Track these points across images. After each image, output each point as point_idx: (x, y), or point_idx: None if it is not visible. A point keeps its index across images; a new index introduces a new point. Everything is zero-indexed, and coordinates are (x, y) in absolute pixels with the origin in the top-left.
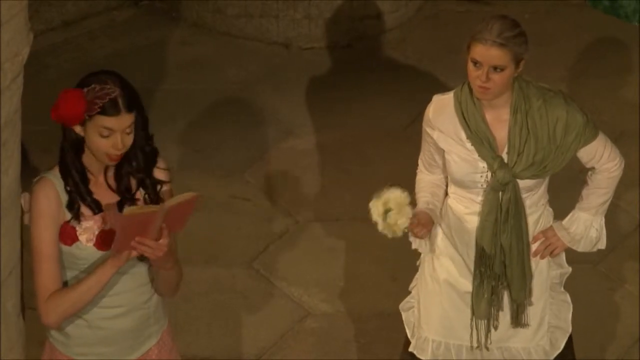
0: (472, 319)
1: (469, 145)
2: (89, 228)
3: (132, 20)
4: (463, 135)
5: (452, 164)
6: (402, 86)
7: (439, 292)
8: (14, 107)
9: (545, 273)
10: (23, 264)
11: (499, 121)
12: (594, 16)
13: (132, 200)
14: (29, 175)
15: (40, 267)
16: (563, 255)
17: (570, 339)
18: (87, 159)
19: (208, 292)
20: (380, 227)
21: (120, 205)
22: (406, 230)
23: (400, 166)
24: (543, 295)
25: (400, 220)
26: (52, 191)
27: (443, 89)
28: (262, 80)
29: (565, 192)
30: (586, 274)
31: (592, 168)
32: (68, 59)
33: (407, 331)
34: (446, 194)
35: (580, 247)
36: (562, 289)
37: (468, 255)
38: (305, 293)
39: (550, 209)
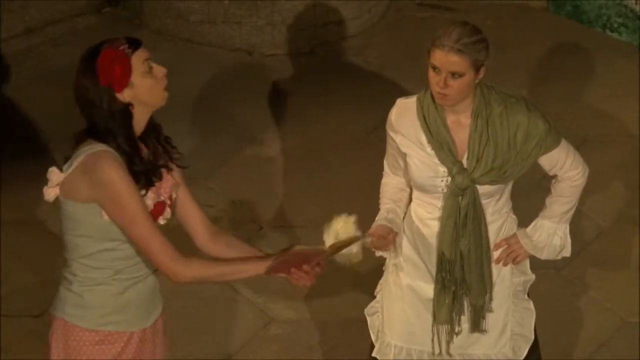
0: (433, 325)
1: (429, 149)
2: (148, 198)
3: (95, 28)
4: (424, 139)
5: (413, 168)
6: (364, 92)
7: (402, 297)
8: None
9: (508, 280)
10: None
11: (459, 126)
12: (556, 22)
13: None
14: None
15: (150, 231)
16: (527, 263)
17: (536, 345)
18: None
19: (171, 299)
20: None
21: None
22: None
23: (363, 172)
24: (505, 302)
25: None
26: (119, 160)
27: (405, 94)
28: (225, 87)
29: (529, 198)
30: (550, 280)
31: (555, 176)
32: (30, 66)
33: (372, 335)
34: (410, 199)
35: (544, 255)
36: (526, 296)
37: (430, 261)
38: (269, 300)
39: (514, 217)
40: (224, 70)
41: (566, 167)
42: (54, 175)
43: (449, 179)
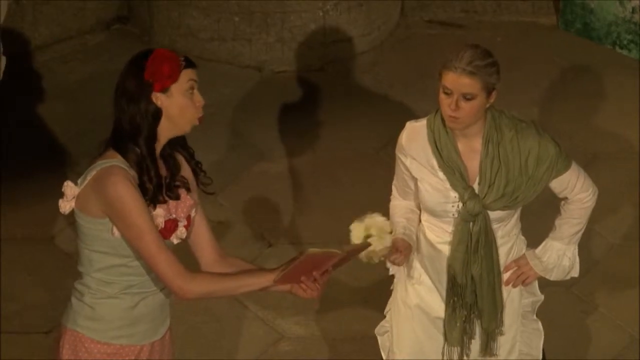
0: (444, 346)
1: (440, 174)
2: (158, 215)
3: (104, 44)
4: (435, 164)
5: (424, 193)
6: (374, 109)
7: (411, 317)
8: None
9: (517, 301)
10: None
11: (471, 151)
12: (566, 39)
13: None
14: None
15: (157, 247)
16: (536, 283)
17: None
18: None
19: (181, 315)
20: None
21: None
22: (383, 259)
23: (372, 189)
24: (514, 324)
25: (379, 248)
26: (129, 177)
27: (415, 111)
28: (235, 104)
29: (539, 218)
30: (560, 297)
31: (565, 198)
32: (40, 83)
33: (383, 354)
34: (420, 221)
35: (553, 276)
36: (535, 316)
37: (440, 283)
38: (278, 316)
39: (523, 238)
40: (234, 87)
41: (576, 190)
42: (69, 188)
43: (460, 204)
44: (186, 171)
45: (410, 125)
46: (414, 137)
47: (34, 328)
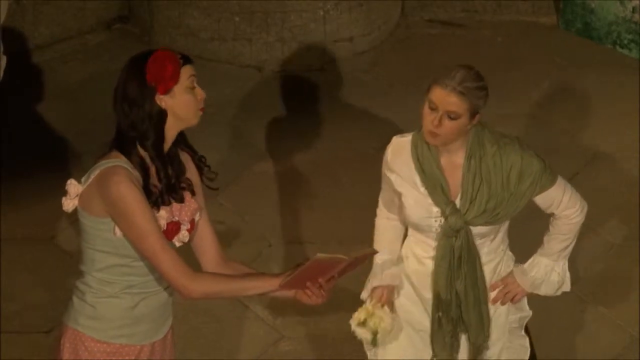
0: (432, 358)
1: (423, 189)
2: (161, 217)
3: (104, 44)
4: (418, 179)
5: (408, 208)
6: (374, 109)
7: (398, 329)
8: None
9: (504, 317)
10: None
11: (454, 166)
12: (566, 38)
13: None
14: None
15: (161, 246)
16: (524, 299)
17: None
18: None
19: (183, 316)
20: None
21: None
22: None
23: (372, 189)
24: (501, 339)
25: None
26: (132, 177)
27: (415, 111)
28: (235, 104)
29: (527, 228)
30: (560, 296)
31: (552, 214)
32: (40, 83)
33: None
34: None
35: (542, 291)
36: (522, 332)
37: (426, 297)
38: (279, 316)
39: (511, 254)
40: (234, 87)
41: (563, 206)
42: (73, 187)
43: (442, 219)
44: (191, 173)
45: (395, 140)
46: (399, 153)
47: (35, 328)
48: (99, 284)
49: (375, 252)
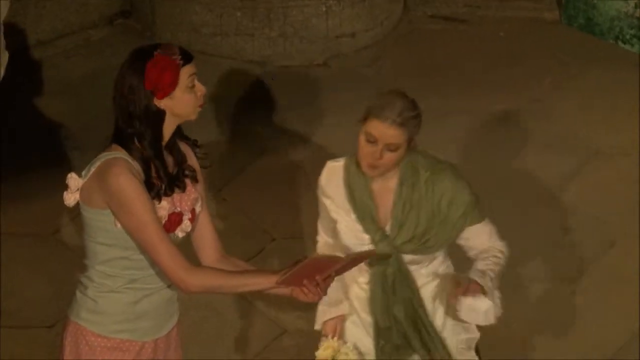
0: None
1: (354, 216)
2: (163, 207)
3: (107, 40)
4: (348, 206)
5: (341, 234)
6: None
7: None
8: None
9: (451, 337)
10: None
11: (386, 191)
12: (569, 34)
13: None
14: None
15: (159, 238)
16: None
17: None
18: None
19: (184, 310)
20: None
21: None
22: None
23: None
24: None
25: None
26: (132, 169)
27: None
28: (238, 99)
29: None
30: (561, 292)
31: (479, 252)
32: (43, 78)
33: None
34: None
35: (489, 283)
36: (473, 352)
37: (369, 322)
38: (281, 310)
39: (454, 273)
40: (236, 82)
41: (493, 239)
42: (73, 180)
43: (373, 246)
44: (192, 161)
45: (329, 165)
46: (332, 178)
47: (36, 322)
48: (101, 277)
49: (374, 253)
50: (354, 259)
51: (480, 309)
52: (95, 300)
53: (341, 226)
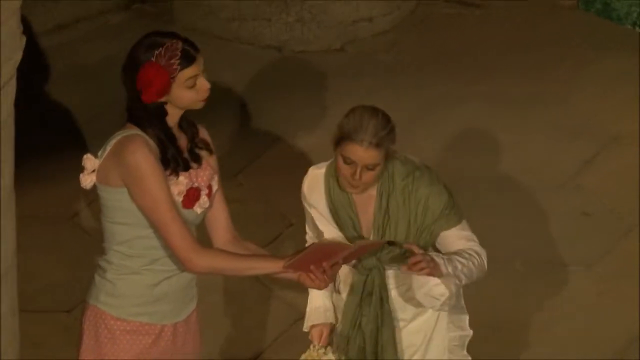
0: None
1: (335, 225)
2: (181, 183)
3: (125, 24)
4: (330, 216)
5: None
6: (394, 88)
7: None
8: (7, 111)
9: (444, 334)
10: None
11: (368, 200)
12: (586, 19)
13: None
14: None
15: (171, 217)
16: (465, 318)
17: None
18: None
19: (202, 295)
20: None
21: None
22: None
23: None
24: (441, 358)
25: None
26: (149, 146)
27: (434, 89)
28: (255, 83)
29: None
30: (580, 277)
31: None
32: (61, 62)
33: None
34: None
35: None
36: (464, 351)
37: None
38: (299, 295)
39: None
40: (254, 67)
41: (470, 243)
42: (89, 161)
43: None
44: (203, 133)
45: (312, 172)
46: (314, 186)
47: (55, 307)
48: (120, 259)
49: (383, 242)
50: (361, 247)
51: (434, 293)
52: (113, 283)
53: (325, 235)
